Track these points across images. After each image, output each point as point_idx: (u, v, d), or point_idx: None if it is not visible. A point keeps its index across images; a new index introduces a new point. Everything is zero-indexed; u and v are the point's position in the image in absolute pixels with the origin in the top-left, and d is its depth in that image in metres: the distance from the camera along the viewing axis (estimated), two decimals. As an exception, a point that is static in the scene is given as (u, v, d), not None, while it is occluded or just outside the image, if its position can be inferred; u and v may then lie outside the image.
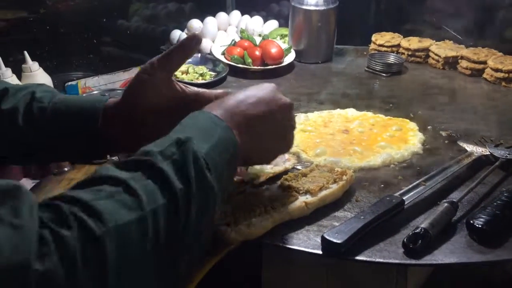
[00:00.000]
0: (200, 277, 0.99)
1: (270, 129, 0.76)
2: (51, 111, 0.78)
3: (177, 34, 2.31)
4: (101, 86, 2.17)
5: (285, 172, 1.08)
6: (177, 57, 0.80)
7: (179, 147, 0.58)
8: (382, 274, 1.01)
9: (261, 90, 0.78)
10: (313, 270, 1.05)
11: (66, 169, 1.83)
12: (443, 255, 0.82)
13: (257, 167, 1.02)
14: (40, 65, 1.64)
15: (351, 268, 1.01)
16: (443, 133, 1.33)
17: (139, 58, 2.35)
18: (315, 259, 0.98)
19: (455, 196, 0.99)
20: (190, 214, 0.56)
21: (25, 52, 1.74)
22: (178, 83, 0.85)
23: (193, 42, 0.79)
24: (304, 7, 1.76)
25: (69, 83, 2.03)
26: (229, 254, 1.02)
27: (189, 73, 1.63)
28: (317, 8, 1.75)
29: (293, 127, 0.82)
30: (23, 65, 1.71)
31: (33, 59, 1.62)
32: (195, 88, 0.86)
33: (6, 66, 1.69)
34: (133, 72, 2.26)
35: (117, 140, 0.79)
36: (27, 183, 1.79)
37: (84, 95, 1.63)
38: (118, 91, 2.02)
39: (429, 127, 1.36)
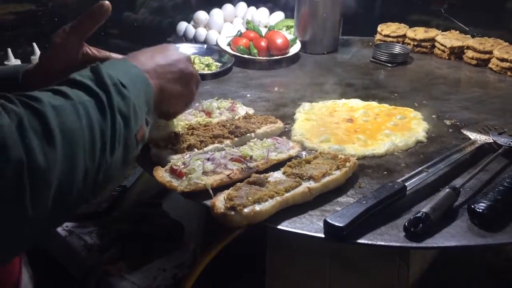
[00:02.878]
0: (207, 261, 1.02)
1: (175, 77, 0.90)
2: None
3: (184, 26, 2.33)
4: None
5: (290, 159, 1.09)
6: (87, 23, 0.90)
7: (93, 71, 0.72)
8: (385, 259, 1.02)
9: (164, 47, 0.93)
10: (317, 255, 1.07)
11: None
12: (443, 239, 0.83)
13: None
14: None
15: (354, 253, 1.02)
16: (447, 122, 1.33)
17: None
18: (319, 244, 1.00)
19: (457, 182, 1.00)
20: (115, 116, 0.69)
21: (34, 44, 1.77)
22: (91, 47, 0.96)
23: (103, 9, 0.89)
24: (309, -3, 1.76)
25: (77, 74, 2.07)
26: (234, 239, 1.04)
27: (196, 64, 1.64)
28: (323, -1, 1.76)
29: (193, 75, 0.97)
30: (31, 57, 1.74)
31: (41, 51, 1.64)
32: (108, 52, 0.98)
33: (15, 57, 1.72)
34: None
35: None
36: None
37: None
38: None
39: (433, 116, 1.37)
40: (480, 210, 0.86)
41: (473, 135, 1.20)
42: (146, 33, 2.42)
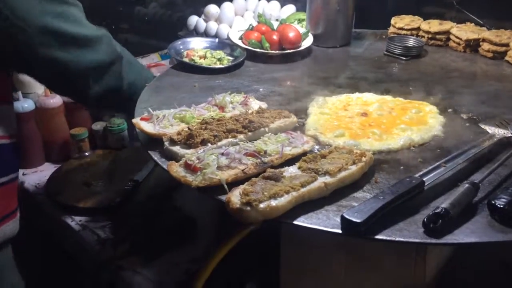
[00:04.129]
0: (220, 256, 1.01)
1: None
2: None
3: (194, 20, 2.32)
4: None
5: (304, 154, 1.08)
6: None
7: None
8: (401, 254, 1.01)
9: None
10: (331, 250, 1.06)
11: (86, 153, 1.87)
12: (463, 235, 0.82)
13: None
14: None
15: (370, 249, 1.01)
16: (464, 116, 1.31)
17: (156, 44, 2.36)
18: (333, 239, 0.99)
19: (476, 177, 0.98)
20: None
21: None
22: None
23: None
24: (322, -10, 1.74)
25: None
26: (248, 234, 1.03)
27: (207, 58, 1.63)
28: (336, -8, 1.73)
29: None
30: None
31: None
32: None
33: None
34: (151, 58, 2.28)
35: None
36: (49, 167, 1.84)
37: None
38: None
39: (449, 110, 1.35)
40: (501, 206, 0.84)
41: (491, 129, 1.18)
42: (157, 27, 2.41)
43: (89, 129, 1.88)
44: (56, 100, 1.81)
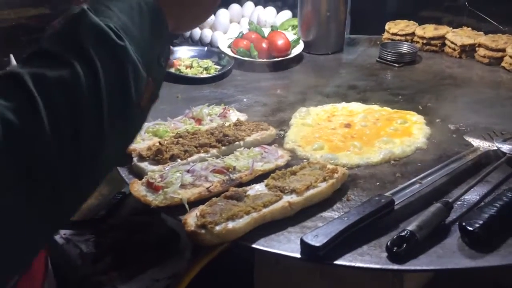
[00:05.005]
0: (191, 276, 0.98)
1: None
2: None
3: (190, 28, 2.30)
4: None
5: (278, 169, 1.04)
6: None
7: (70, 23, 0.54)
8: (377, 277, 0.96)
9: None
10: (305, 272, 1.02)
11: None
12: (428, 260, 0.77)
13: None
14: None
15: (345, 270, 0.97)
16: (451, 126, 1.25)
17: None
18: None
19: (453, 195, 0.93)
20: (99, 88, 0.52)
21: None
22: None
23: None
24: (312, -4, 1.70)
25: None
26: (221, 253, 1.00)
27: (193, 67, 1.61)
28: (326, -3, 1.69)
29: None
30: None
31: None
32: None
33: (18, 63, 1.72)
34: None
35: None
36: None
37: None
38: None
39: (437, 120, 1.29)
40: (472, 228, 0.79)
41: (476, 142, 1.13)
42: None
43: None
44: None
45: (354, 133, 1.24)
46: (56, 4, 1.95)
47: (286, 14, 2.16)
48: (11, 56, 1.71)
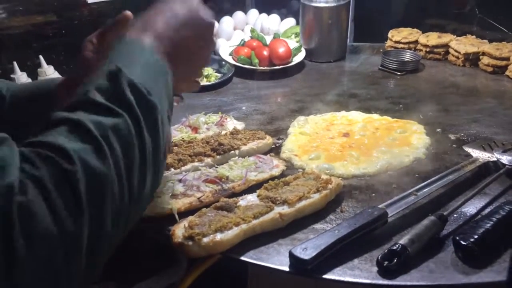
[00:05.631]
0: (187, 285, 0.97)
1: (193, 50, 0.77)
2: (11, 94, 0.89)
3: (194, 35, 2.30)
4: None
5: (272, 180, 1.03)
6: (113, 33, 0.85)
7: (111, 79, 0.61)
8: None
9: (185, 7, 0.75)
10: (301, 282, 1.00)
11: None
12: (420, 275, 0.75)
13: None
14: (56, 68, 1.68)
15: (336, 284, 0.95)
16: (452, 136, 1.23)
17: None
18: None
19: (448, 208, 0.91)
20: (144, 141, 0.60)
21: (41, 57, 1.78)
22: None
23: (126, 19, 0.85)
24: (314, 4, 1.69)
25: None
26: (216, 263, 0.99)
27: (194, 75, 1.60)
28: (328, 5, 1.68)
29: (209, 43, 0.81)
30: (38, 69, 1.75)
31: (48, 63, 1.66)
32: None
33: (23, 70, 1.73)
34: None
35: None
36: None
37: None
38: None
39: (438, 130, 1.27)
40: (465, 243, 0.77)
41: (475, 152, 1.10)
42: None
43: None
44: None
45: (352, 143, 1.22)
46: (62, 12, 1.97)
47: (290, 21, 2.15)
48: (15, 63, 1.72)
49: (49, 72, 1.70)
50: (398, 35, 1.76)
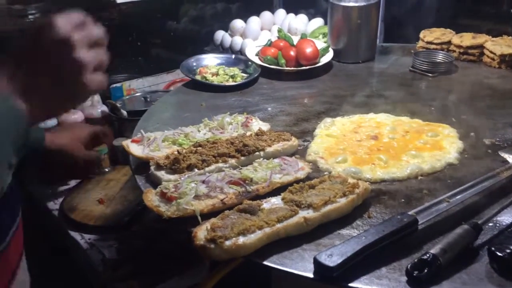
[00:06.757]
0: (212, 284, 0.95)
1: (52, 73, 0.70)
2: None
3: (221, 35, 2.29)
4: (145, 87, 2.20)
5: (297, 183, 1.00)
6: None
7: None
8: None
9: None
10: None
11: (106, 169, 1.88)
12: (452, 287, 0.71)
13: None
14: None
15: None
16: (487, 141, 1.18)
17: (184, 59, 2.37)
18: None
19: (483, 216, 0.86)
20: None
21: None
22: None
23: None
24: (342, 3, 1.66)
25: (114, 85, 2.08)
26: (239, 265, 0.96)
27: (219, 75, 1.59)
28: (357, 4, 1.64)
29: (78, 64, 0.71)
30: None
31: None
32: None
33: None
34: (176, 73, 2.28)
35: None
36: (71, 183, 1.86)
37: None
38: (160, 92, 2.04)
39: (471, 134, 1.22)
40: (501, 254, 0.73)
41: (511, 158, 1.05)
42: (186, 43, 2.41)
43: (110, 145, 1.89)
44: (77, 116, 1.83)
45: (380, 146, 1.19)
46: (92, 12, 1.99)
47: (318, 21, 2.12)
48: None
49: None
50: (430, 35, 1.71)
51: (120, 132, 1.98)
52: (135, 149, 1.11)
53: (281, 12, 2.31)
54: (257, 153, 1.10)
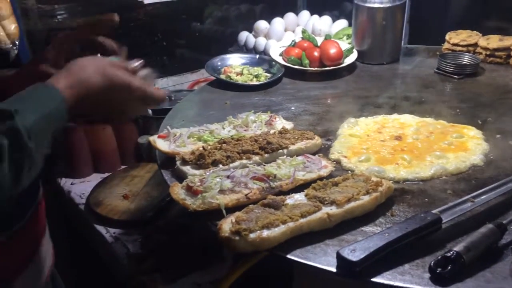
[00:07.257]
0: (230, 282, 0.97)
1: (107, 102, 0.84)
2: None
3: (244, 36, 2.32)
4: (170, 87, 2.24)
5: (321, 179, 1.01)
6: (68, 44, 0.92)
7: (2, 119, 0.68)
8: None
9: (101, 64, 0.83)
10: (348, 284, 0.98)
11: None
12: (475, 284, 0.71)
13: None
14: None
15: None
16: (513, 143, 1.17)
17: (208, 59, 2.40)
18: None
19: (509, 216, 0.86)
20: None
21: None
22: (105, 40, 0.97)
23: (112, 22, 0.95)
24: (367, 4, 1.66)
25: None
26: (261, 261, 0.98)
27: (244, 75, 1.61)
28: (382, 5, 1.64)
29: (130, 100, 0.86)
30: None
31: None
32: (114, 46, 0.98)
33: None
34: (200, 73, 2.31)
35: None
36: (96, 178, 1.91)
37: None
38: (184, 91, 2.07)
39: (497, 136, 1.21)
40: (527, 254, 0.73)
41: (538, 161, 1.04)
42: (210, 43, 2.44)
43: (135, 142, 1.93)
44: (103, 114, 1.87)
45: (404, 146, 1.19)
46: (119, 12, 2.04)
47: (342, 23, 2.12)
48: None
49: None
50: (456, 37, 1.69)
51: (145, 130, 2.02)
52: (162, 144, 1.13)
53: (305, 13, 2.32)
54: (280, 150, 1.11)
